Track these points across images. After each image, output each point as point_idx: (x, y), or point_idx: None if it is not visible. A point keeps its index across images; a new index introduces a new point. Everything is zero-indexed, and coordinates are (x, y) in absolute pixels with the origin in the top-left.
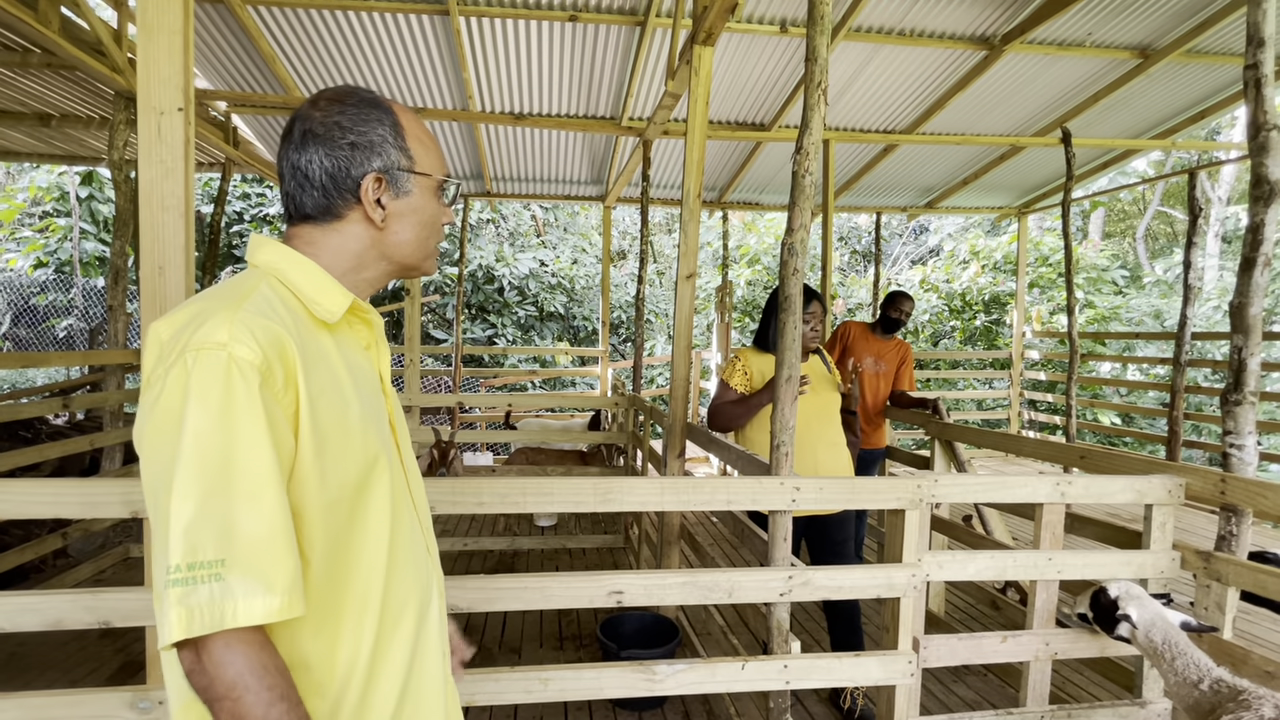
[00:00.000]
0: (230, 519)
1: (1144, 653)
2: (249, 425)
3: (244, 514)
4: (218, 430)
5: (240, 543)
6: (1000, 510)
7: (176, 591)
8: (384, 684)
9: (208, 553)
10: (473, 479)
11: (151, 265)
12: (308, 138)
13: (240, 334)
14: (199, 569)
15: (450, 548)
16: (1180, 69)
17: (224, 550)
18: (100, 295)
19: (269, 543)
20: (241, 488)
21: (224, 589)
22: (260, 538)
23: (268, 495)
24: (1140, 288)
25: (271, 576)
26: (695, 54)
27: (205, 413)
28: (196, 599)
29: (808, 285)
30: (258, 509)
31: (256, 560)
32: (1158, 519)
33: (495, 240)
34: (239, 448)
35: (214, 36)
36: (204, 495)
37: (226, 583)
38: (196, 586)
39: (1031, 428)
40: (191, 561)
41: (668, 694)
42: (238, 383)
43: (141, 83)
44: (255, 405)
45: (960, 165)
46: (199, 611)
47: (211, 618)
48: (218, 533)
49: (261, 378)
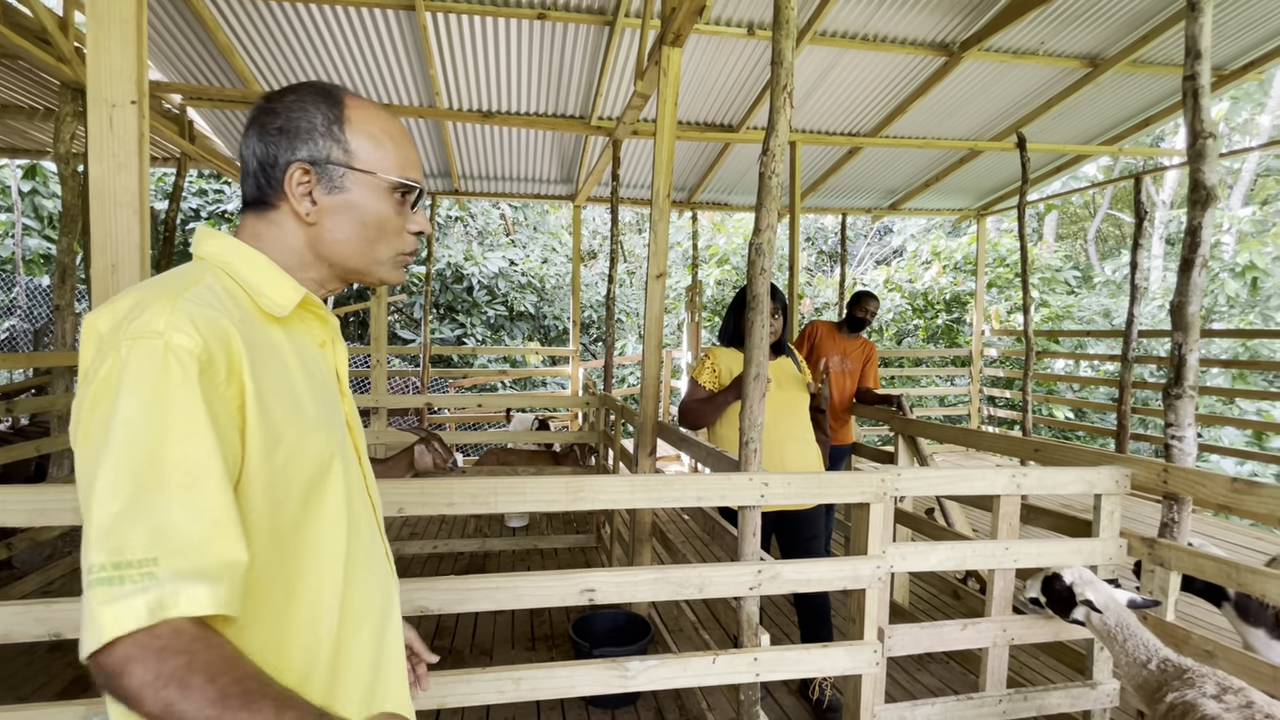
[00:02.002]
0: (164, 514)
1: (1098, 635)
2: (186, 414)
3: (178, 508)
4: (150, 420)
5: (174, 538)
6: (961, 503)
7: (101, 591)
8: (347, 692)
9: (137, 550)
10: (442, 479)
11: (104, 263)
12: (251, 124)
13: (179, 321)
14: (126, 568)
15: (420, 550)
16: (1127, 78)
17: (156, 548)
18: (45, 294)
19: (209, 537)
20: (176, 479)
21: (155, 585)
22: (198, 532)
23: (207, 485)
24: (1091, 287)
25: (210, 572)
26: (664, 55)
27: (138, 402)
28: (125, 595)
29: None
30: (194, 502)
31: (194, 554)
32: (1106, 508)
33: (464, 239)
34: (174, 438)
35: (168, 27)
36: (134, 489)
37: (158, 579)
38: (124, 585)
39: (991, 423)
40: (118, 560)
41: (640, 690)
42: (174, 370)
43: (91, 74)
44: (193, 394)
45: (922, 168)
46: (129, 606)
47: (151, 606)
48: (151, 530)
49: (201, 366)
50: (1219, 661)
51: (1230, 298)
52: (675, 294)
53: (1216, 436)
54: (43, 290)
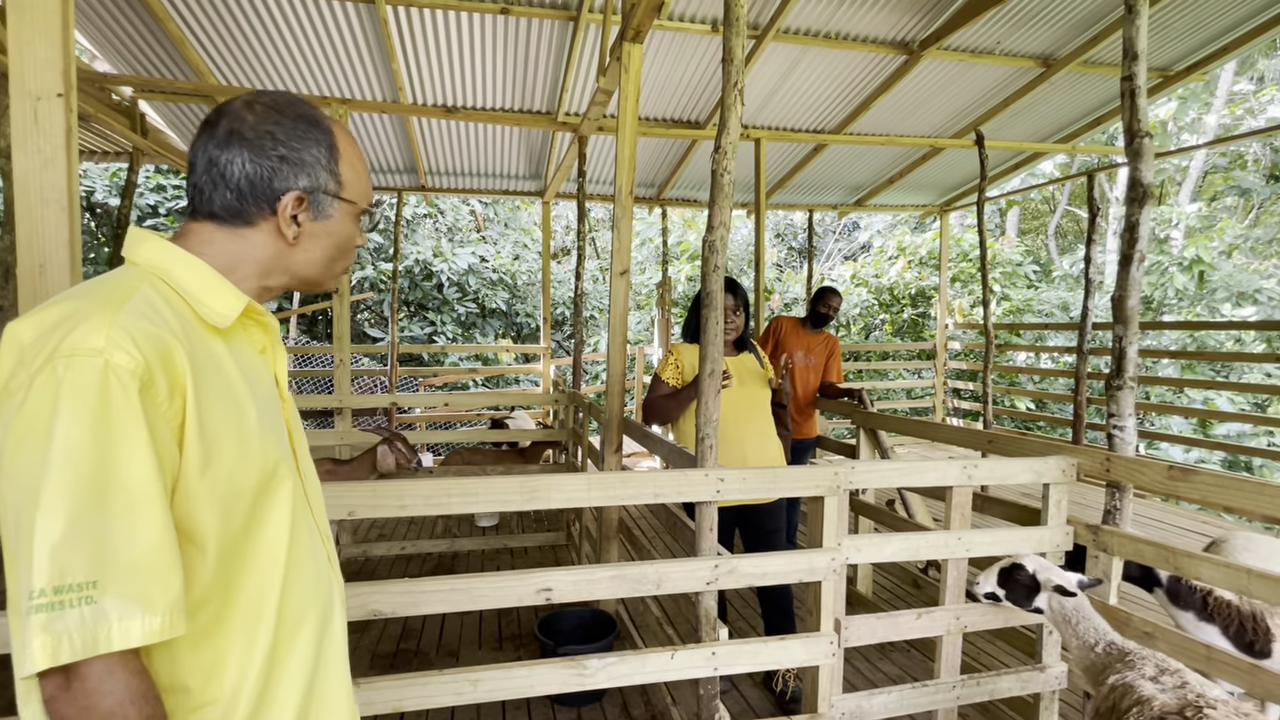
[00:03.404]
0: (104, 537)
1: (1055, 621)
2: (127, 437)
3: (119, 531)
4: (91, 442)
5: (115, 562)
6: (921, 494)
7: (40, 618)
8: (281, 698)
9: (77, 574)
10: (394, 480)
11: (31, 263)
12: (234, 138)
13: (119, 339)
14: (66, 592)
15: (388, 552)
16: (1079, 78)
17: (96, 571)
18: None
19: (148, 561)
20: (117, 503)
21: (96, 612)
22: (137, 556)
23: (147, 510)
24: (1050, 281)
25: (151, 595)
26: (625, 51)
27: (78, 424)
28: (64, 624)
29: (729, 278)
30: (135, 525)
31: (133, 580)
32: (1054, 497)
33: (433, 235)
34: (115, 461)
35: (115, 17)
36: (74, 512)
37: (99, 605)
38: (64, 611)
39: (956, 415)
40: (59, 585)
41: (600, 687)
42: (115, 391)
43: (14, 65)
44: (134, 416)
45: (886, 165)
46: (67, 637)
47: (82, 643)
48: (90, 553)
49: (141, 385)
50: (1157, 642)
51: (1179, 291)
52: (646, 290)
53: (1166, 425)
54: None
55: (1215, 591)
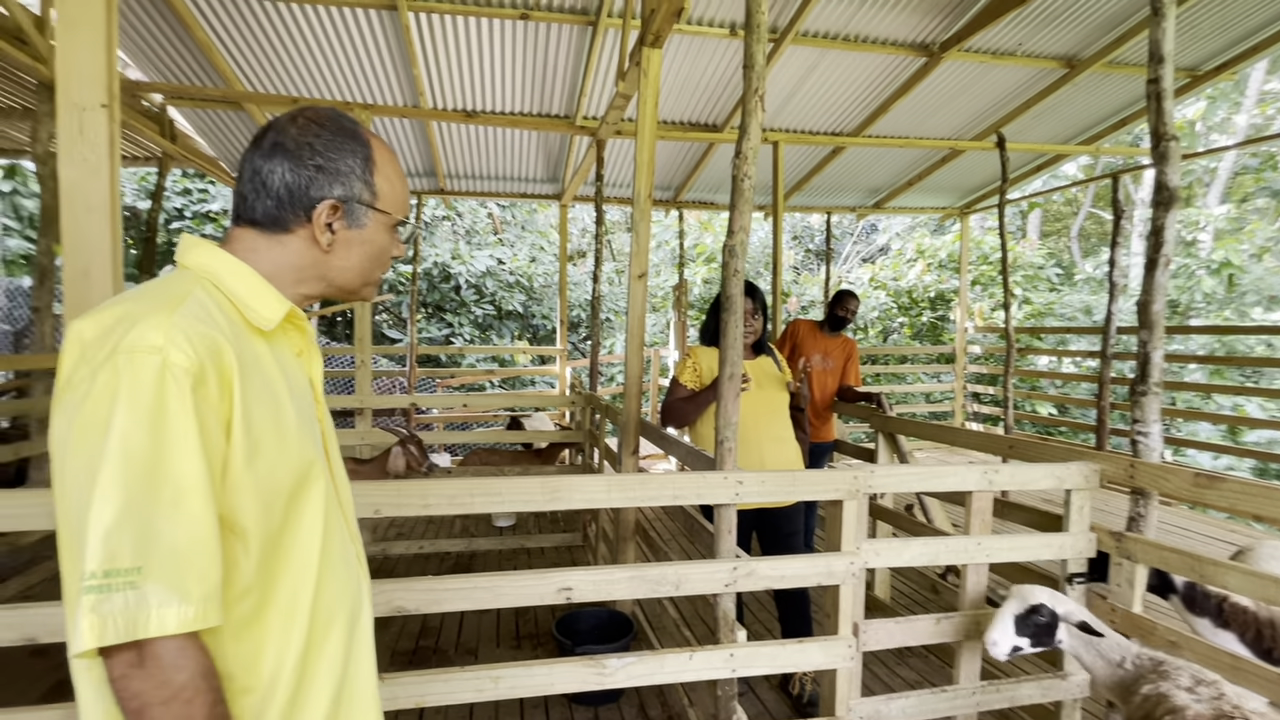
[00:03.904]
0: (151, 526)
1: (1074, 650)
2: (179, 432)
3: (165, 521)
4: (146, 435)
5: (159, 551)
6: (940, 499)
7: (90, 599)
8: (316, 688)
9: (125, 559)
10: (417, 481)
11: (76, 268)
12: (277, 149)
13: (176, 338)
14: (114, 576)
15: (407, 550)
16: (1103, 79)
17: (141, 557)
18: (25, 295)
19: (189, 552)
20: (165, 495)
21: (139, 597)
22: (179, 546)
23: (192, 503)
24: (1073, 285)
25: (187, 585)
26: (644, 56)
27: (134, 417)
28: (110, 607)
29: (748, 281)
30: (180, 517)
31: (173, 569)
32: (1076, 503)
33: (451, 238)
34: (167, 454)
35: (147, 26)
36: (127, 501)
37: (142, 591)
38: (111, 594)
39: (975, 419)
40: (109, 568)
41: (618, 686)
42: (170, 388)
43: (61, 77)
44: (187, 412)
45: (905, 167)
46: (112, 620)
47: (125, 627)
48: (136, 539)
49: (195, 383)
50: (1183, 652)
51: (1207, 294)
52: (663, 293)
53: (1193, 431)
54: (22, 291)
55: (1231, 598)
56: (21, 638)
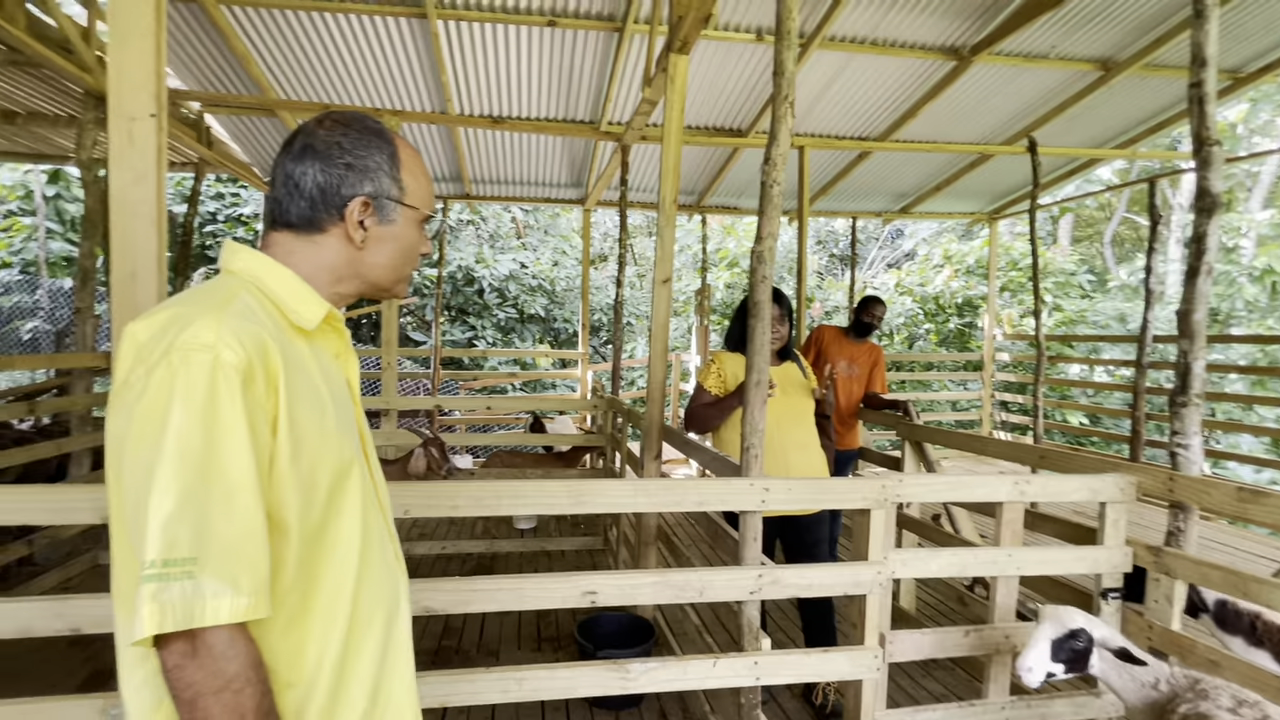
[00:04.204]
0: (205, 519)
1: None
2: (230, 428)
3: (219, 515)
4: (200, 431)
5: (213, 543)
6: (968, 509)
7: (150, 588)
8: (354, 685)
9: (182, 550)
10: (447, 482)
11: (124, 272)
12: (307, 151)
13: (227, 337)
14: (172, 565)
15: (429, 551)
16: (1140, 82)
17: (197, 549)
18: (67, 296)
19: (240, 545)
20: (218, 489)
21: (195, 588)
22: (232, 539)
23: (243, 498)
24: (1106, 292)
25: (239, 578)
26: (671, 62)
27: (189, 414)
28: (169, 596)
29: (774, 288)
30: (232, 511)
31: (226, 561)
32: (1111, 516)
33: (475, 242)
34: (219, 450)
35: (186, 36)
36: (183, 494)
37: (197, 582)
38: (169, 584)
39: (1003, 429)
40: (167, 558)
41: (641, 691)
42: (222, 385)
43: (113, 88)
44: (237, 409)
45: (933, 172)
46: (171, 609)
47: (183, 615)
48: (192, 531)
49: (244, 380)
50: (1224, 671)
51: (1249, 302)
52: (685, 297)
53: (1235, 443)
54: (64, 292)
55: (1264, 615)
56: (67, 627)
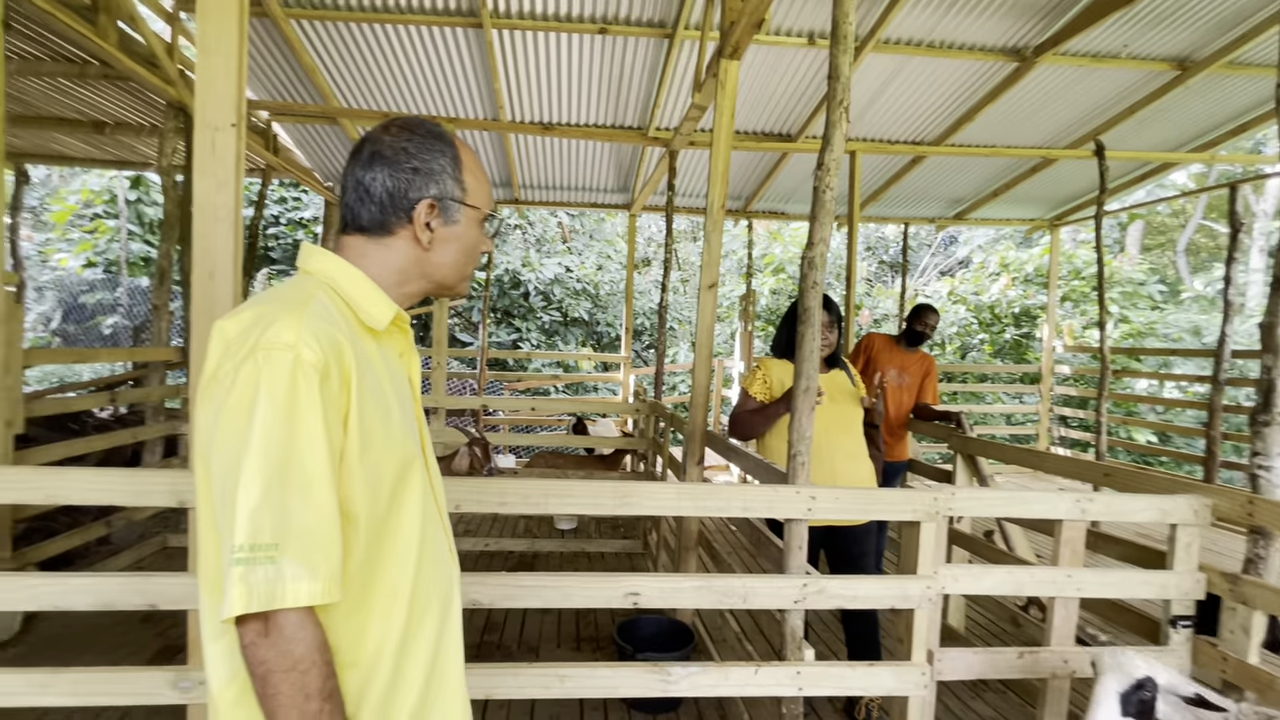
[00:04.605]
0: (285, 507)
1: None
2: (308, 423)
3: (297, 504)
4: (282, 426)
5: (292, 530)
6: (1024, 527)
7: (239, 570)
8: (412, 670)
9: (266, 535)
10: (496, 480)
11: (203, 271)
12: (375, 158)
13: (306, 337)
14: (258, 550)
15: (472, 547)
16: (1221, 80)
17: (279, 535)
18: (144, 294)
19: (316, 532)
20: (296, 480)
21: (277, 571)
22: (309, 527)
23: (318, 489)
24: (1179, 303)
25: (315, 563)
26: (722, 68)
27: (273, 409)
28: (255, 578)
29: (824, 294)
30: (309, 501)
31: (304, 547)
32: (1182, 539)
33: (522, 245)
34: (298, 443)
35: (259, 49)
36: (266, 484)
37: (279, 566)
38: (255, 566)
39: (1062, 444)
40: (254, 543)
41: (681, 695)
42: (301, 382)
43: (199, 100)
44: (315, 404)
45: (990, 177)
46: (256, 589)
47: (267, 596)
48: (275, 519)
49: (321, 377)
50: None
51: None
52: (729, 303)
53: None
54: (142, 290)
55: None
56: (145, 603)
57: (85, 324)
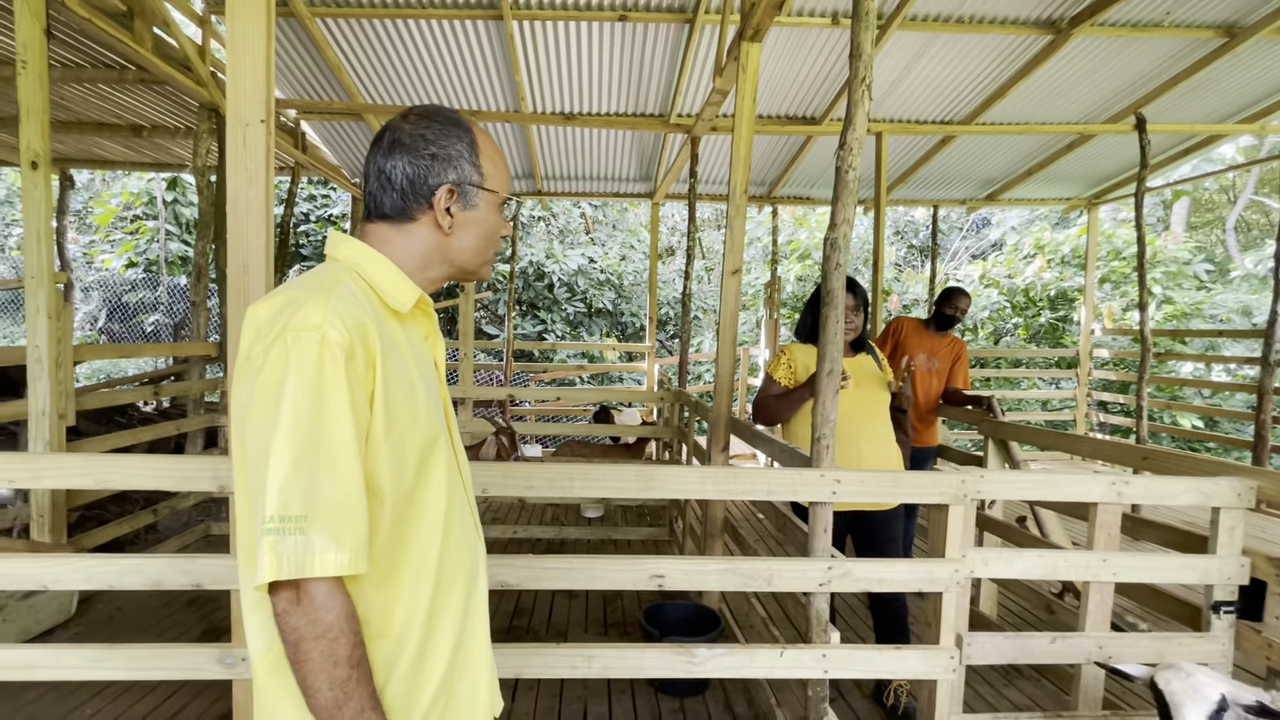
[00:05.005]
0: (314, 481)
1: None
2: (335, 400)
3: (325, 478)
4: (310, 403)
5: (320, 503)
6: (1059, 513)
7: (270, 539)
8: (439, 641)
9: (295, 508)
10: (522, 464)
11: (237, 264)
12: (395, 146)
13: (332, 319)
14: (288, 521)
15: (500, 534)
16: (1271, 47)
17: (307, 508)
18: (183, 292)
19: (343, 506)
20: (325, 455)
21: (305, 542)
22: (336, 501)
23: (345, 464)
24: (1227, 282)
25: (342, 535)
26: (743, 51)
27: (301, 387)
28: (285, 547)
29: (849, 277)
30: (336, 475)
31: (331, 520)
32: (1225, 523)
33: (545, 238)
34: (326, 420)
35: (285, 48)
36: (296, 458)
37: (308, 537)
38: (285, 536)
39: (1101, 431)
40: (283, 515)
41: (707, 677)
42: (328, 361)
43: (230, 98)
44: (341, 383)
45: (1024, 155)
46: (286, 558)
47: (296, 565)
48: (304, 492)
49: (347, 357)
50: None
51: None
52: (754, 291)
53: None
54: (181, 288)
55: None
56: (190, 583)
57: (129, 322)
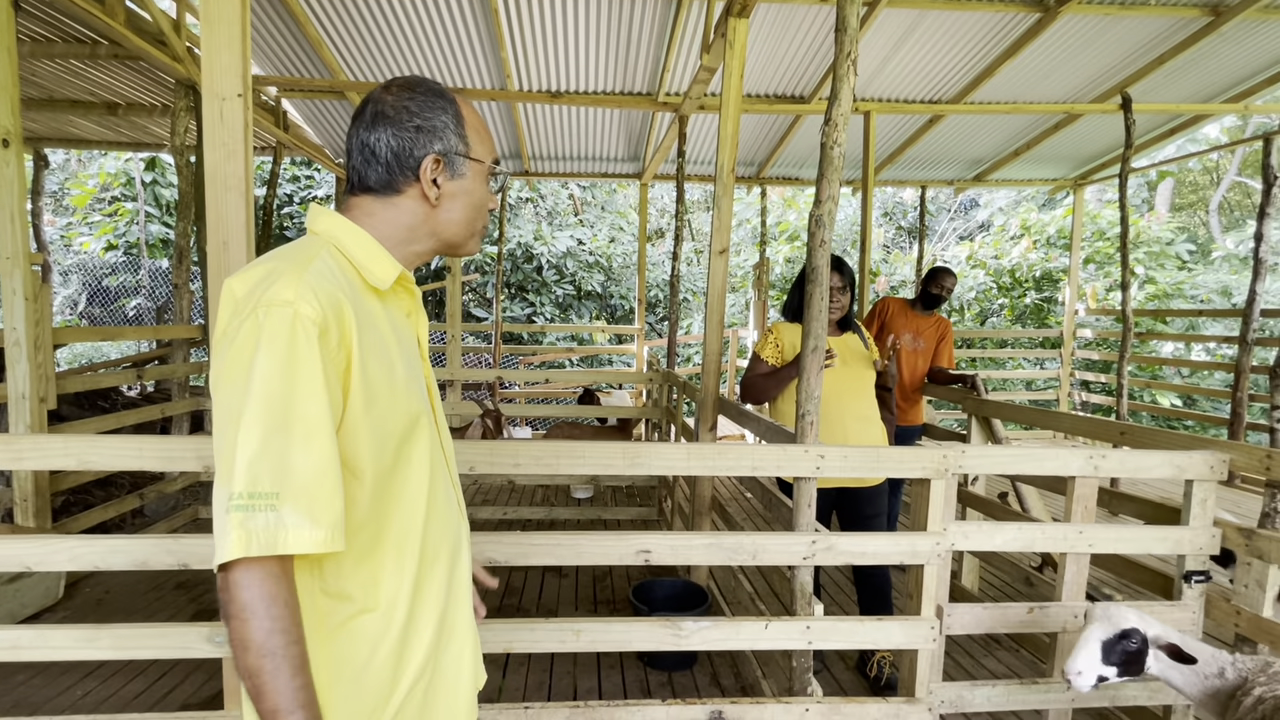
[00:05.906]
0: (286, 457)
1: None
2: (307, 375)
3: (298, 455)
4: (281, 377)
5: (293, 479)
6: (1040, 489)
7: (238, 516)
8: (424, 615)
9: (265, 484)
10: (509, 442)
11: (217, 241)
12: (378, 118)
13: (305, 294)
14: (258, 498)
15: (490, 516)
16: (1257, 26)
17: (279, 485)
18: (165, 275)
19: (317, 482)
20: (297, 430)
21: (277, 519)
22: (309, 477)
23: (318, 439)
24: (1209, 263)
25: (316, 512)
26: (731, 26)
27: (272, 360)
28: (254, 524)
29: (835, 255)
30: (309, 450)
31: (305, 496)
32: (1198, 495)
33: (534, 219)
34: (298, 394)
35: (264, 23)
36: (266, 433)
37: (280, 513)
38: (254, 513)
39: (1083, 409)
40: (252, 491)
41: (693, 649)
42: (300, 336)
43: (205, 71)
44: (314, 357)
45: (1011, 135)
46: (255, 535)
47: (267, 542)
48: (275, 468)
49: (320, 332)
50: None
51: None
52: (742, 272)
53: None
54: (163, 271)
55: None
56: (177, 563)
57: (110, 306)
